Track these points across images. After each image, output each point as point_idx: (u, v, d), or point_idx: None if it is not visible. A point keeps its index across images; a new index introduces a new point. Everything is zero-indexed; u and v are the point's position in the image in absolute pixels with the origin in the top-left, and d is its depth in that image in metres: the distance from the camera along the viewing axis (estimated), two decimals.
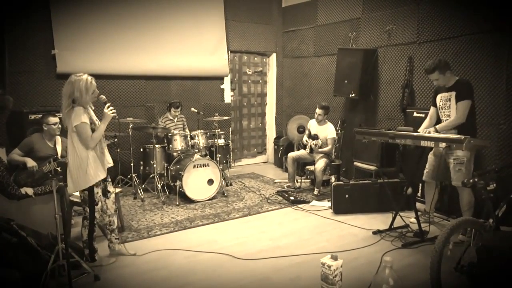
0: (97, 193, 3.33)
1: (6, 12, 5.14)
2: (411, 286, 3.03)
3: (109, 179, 3.47)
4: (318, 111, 5.54)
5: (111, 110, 3.31)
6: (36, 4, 5.35)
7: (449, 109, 3.88)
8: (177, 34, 6.44)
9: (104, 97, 3.37)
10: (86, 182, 3.21)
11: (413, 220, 4.07)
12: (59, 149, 4.28)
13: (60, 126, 4.25)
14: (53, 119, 4.21)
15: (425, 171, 4.17)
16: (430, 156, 4.15)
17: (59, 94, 5.47)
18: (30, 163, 4.01)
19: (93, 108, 3.36)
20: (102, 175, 3.30)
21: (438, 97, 4.01)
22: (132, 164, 5.52)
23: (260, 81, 7.95)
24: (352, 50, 5.88)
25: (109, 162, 3.42)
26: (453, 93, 3.81)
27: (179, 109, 5.99)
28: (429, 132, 3.75)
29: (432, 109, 4.12)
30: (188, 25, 6.53)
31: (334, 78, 6.04)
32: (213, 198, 5.35)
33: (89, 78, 3.22)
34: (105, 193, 3.43)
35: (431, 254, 2.64)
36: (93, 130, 3.22)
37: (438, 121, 4.04)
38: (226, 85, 7.27)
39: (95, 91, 3.27)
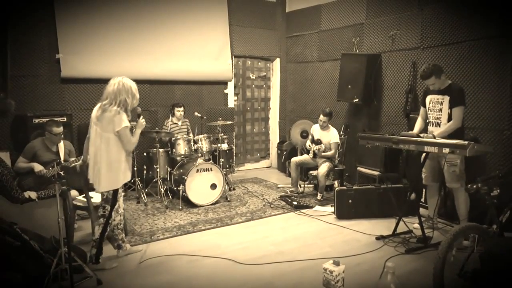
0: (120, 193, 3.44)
1: (9, 15, 5.15)
2: None
3: None
4: (322, 118, 5.52)
5: (143, 119, 3.56)
6: (40, 8, 5.39)
7: (439, 112, 3.92)
8: (181, 38, 6.47)
9: (140, 109, 3.59)
10: (118, 182, 3.34)
11: (417, 225, 4.06)
12: (62, 153, 4.28)
13: (63, 135, 4.27)
14: (57, 130, 4.14)
15: (423, 175, 4.18)
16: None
17: (63, 98, 5.65)
18: (37, 167, 4.02)
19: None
20: (129, 176, 3.45)
21: (428, 98, 4.06)
22: (135, 168, 5.52)
23: (264, 86, 7.96)
24: (355, 55, 5.89)
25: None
26: (446, 97, 3.85)
27: (183, 109, 6.00)
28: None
29: (422, 109, 4.20)
30: (192, 30, 6.56)
31: (338, 83, 6.04)
32: (216, 202, 5.34)
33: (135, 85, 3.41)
34: None
35: (435, 260, 2.62)
36: None
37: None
38: (230, 89, 7.29)
39: None
